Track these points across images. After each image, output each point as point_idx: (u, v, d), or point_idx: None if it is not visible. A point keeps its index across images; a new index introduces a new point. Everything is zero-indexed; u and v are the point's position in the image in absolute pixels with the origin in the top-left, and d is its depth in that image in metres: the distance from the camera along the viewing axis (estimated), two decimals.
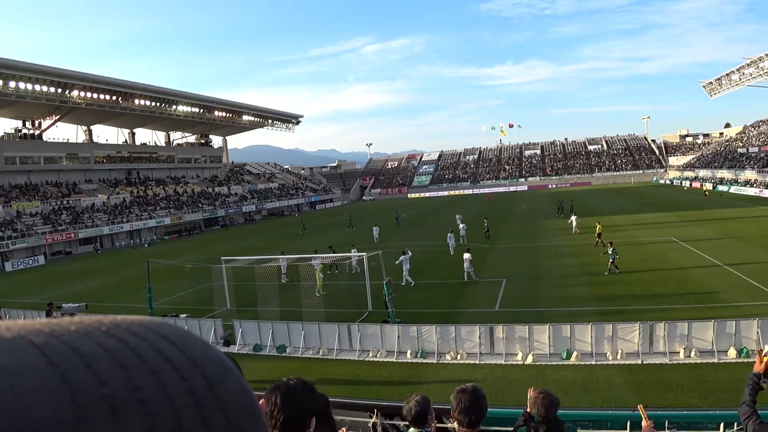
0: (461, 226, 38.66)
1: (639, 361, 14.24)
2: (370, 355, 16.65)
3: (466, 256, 25.59)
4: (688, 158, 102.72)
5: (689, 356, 14.15)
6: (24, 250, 53.84)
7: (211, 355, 0.50)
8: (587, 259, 28.60)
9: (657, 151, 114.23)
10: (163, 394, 0.43)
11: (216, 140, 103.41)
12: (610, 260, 24.81)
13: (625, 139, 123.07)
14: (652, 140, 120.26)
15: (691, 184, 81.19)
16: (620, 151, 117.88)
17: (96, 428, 0.39)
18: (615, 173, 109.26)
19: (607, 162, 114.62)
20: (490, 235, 39.38)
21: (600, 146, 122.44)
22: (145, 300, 23.78)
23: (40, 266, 51.99)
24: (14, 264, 51.36)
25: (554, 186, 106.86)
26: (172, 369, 0.46)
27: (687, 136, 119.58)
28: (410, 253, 26.54)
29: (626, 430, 7.15)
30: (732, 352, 14.01)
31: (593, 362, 14.47)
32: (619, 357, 14.46)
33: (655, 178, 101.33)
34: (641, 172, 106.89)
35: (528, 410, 4.99)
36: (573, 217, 40.18)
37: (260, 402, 2.43)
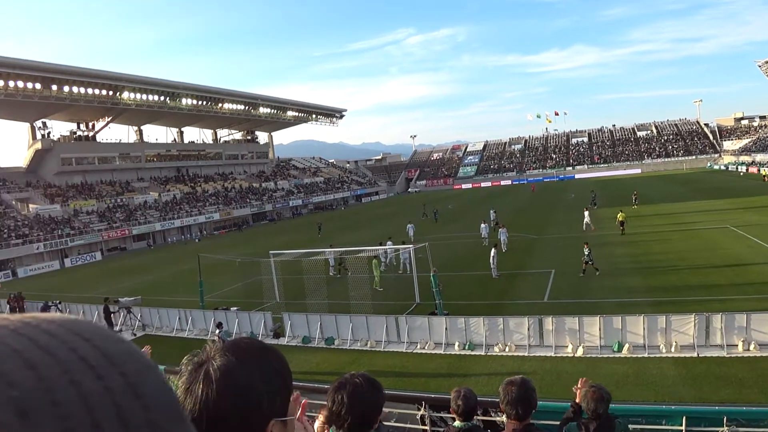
0: (483, 226, 34.75)
1: (694, 354, 13.81)
2: (418, 347, 16.69)
3: (493, 251, 24.93)
4: (744, 142, 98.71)
5: (748, 349, 13.64)
6: (82, 246, 56.06)
7: (129, 352, 0.48)
8: (638, 249, 27.91)
9: (710, 136, 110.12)
10: (76, 394, 0.41)
11: (262, 136, 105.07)
12: (586, 261, 23.19)
13: (676, 124, 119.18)
14: (705, 124, 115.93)
15: (747, 169, 78.05)
16: (671, 137, 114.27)
17: None
18: (666, 160, 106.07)
19: (657, 148, 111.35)
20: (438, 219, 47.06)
21: (650, 132, 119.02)
22: (196, 294, 24.42)
23: (97, 262, 54.00)
24: (73, 260, 53.60)
25: (603, 174, 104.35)
26: (87, 367, 0.43)
27: (743, 119, 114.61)
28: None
29: (681, 426, 6.96)
30: None
31: (646, 355, 14.12)
32: (673, 350, 14.07)
33: (709, 164, 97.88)
34: (694, 157, 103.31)
35: (578, 401, 4.89)
36: (586, 212, 36.40)
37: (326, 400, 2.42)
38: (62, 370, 0.42)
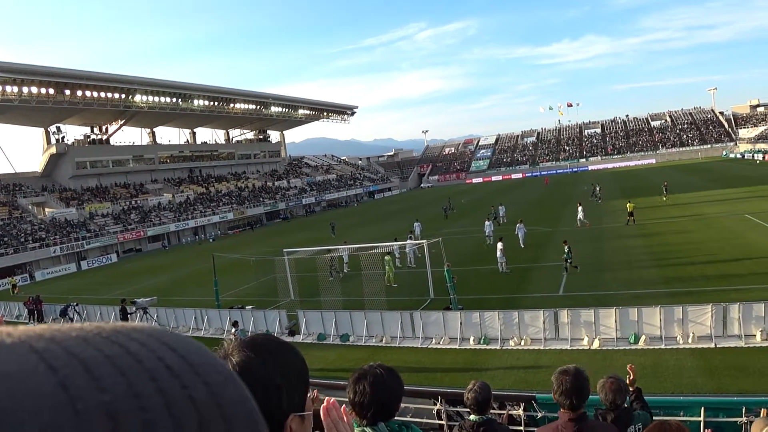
0: (488, 224, 32.68)
1: (712, 345, 13.68)
2: (433, 342, 16.68)
3: (500, 245, 24.79)
4: (761, 129, 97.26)
5: (767, 339, 13.51)
6: (98, 249, 56.63)
7: (212, 363, 0.50)
8: (654, 240, 27.70)
9: (726, 124, 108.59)
10: (163, 401, 0.43)
11: (274, 135, 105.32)
12: (566, 259, 22.88)
13: (690, 113, 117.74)
14: (720, 112, 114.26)
15: (764, 157, 77.07)
16: (686, 126, 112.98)
17: None
18: (681, 149, 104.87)
19: (671, 138, 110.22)
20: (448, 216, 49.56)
21: (664, 121, 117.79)
22: (211, 293, 24.57)
23: (113, 264, 54.49)
24: (89, 262, 54.10)
25: (617, 165, 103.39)
26: (173, 376, 0.45)
27: (758, 106, 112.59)
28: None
29: (700, 417, 6.92)
30: None
31: (663, 346, 14.01)
32: (690, 341, 13.95)
33: (724, 153, 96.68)
34: (709, 146, 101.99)
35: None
36: (579, 207, 34.84)
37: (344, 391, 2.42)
38: (150, 377, 0.44)
